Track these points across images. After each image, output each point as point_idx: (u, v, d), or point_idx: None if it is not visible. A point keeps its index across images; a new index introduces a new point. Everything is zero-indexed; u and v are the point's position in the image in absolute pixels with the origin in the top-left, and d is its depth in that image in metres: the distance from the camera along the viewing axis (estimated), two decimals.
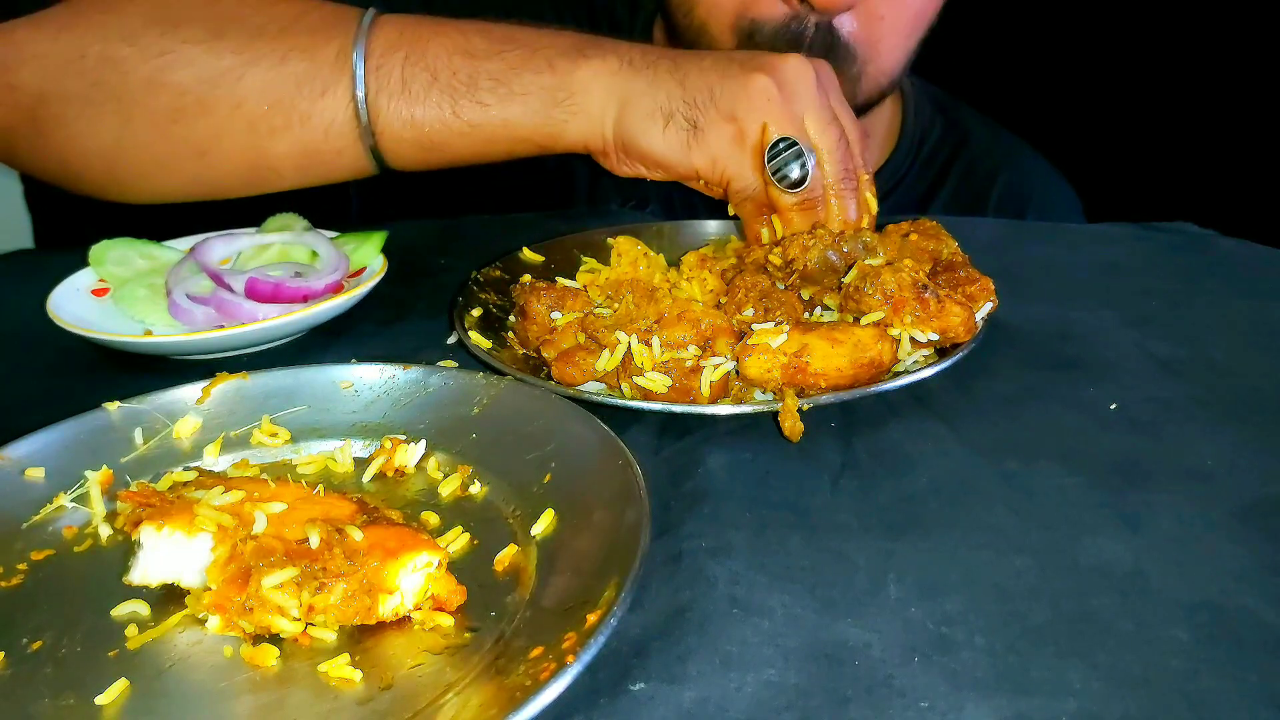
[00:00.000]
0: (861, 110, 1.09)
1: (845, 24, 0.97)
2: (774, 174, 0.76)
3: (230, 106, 0.83)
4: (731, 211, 0.83)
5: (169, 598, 0.47)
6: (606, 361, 0.63)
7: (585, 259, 0.85)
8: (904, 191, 1.23)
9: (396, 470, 0.57)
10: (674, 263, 0.82)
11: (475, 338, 0.70)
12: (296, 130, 0.84)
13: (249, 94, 0.83)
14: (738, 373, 0.63)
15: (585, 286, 0.74)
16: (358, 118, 0.82)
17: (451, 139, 0.84)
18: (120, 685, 0.41)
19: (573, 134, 0.83)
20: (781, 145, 0.76)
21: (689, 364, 0.62)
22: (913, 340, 0.66)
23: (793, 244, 0.74)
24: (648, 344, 0.63)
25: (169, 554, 0.46)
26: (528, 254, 0.86)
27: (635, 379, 0.62)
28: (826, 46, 0.96)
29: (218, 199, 0.92)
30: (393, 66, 0.82)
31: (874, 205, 0.81)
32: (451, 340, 0.75)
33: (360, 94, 0.82)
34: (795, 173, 0.76)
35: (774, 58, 0.79)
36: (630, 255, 0.78)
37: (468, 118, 0.82)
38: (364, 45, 0.82)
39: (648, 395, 0.62)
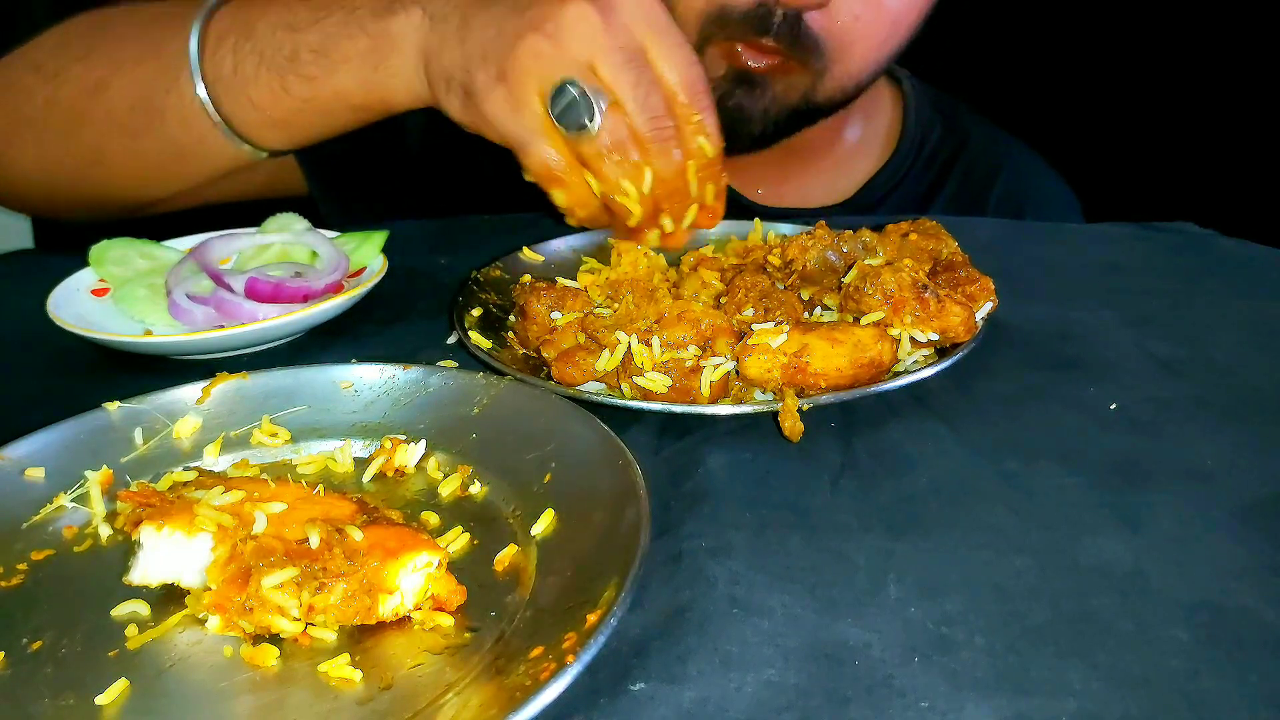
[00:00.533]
0: (819, 112, 1.06)
1: (816, 19, 0.95)
2: (559, 122, 0.69)
3: (105, 114, 0.87)
4: (527, 177, 0.75)
5: (169, 598, 0.47)
6: (606, 361, 0.63)
7: (585, 259, 0.85)
8: (904, 192, 1.23)
9: (396, 470, 0.57)
10: (674, 262, 0.82)
11: (475, 338, 0.70)
12: (157, 127, 0.86)
13: (115, 100, 0.86)
14: (738, 373, 0.63)
15: (585, 287, 0.74)
16: (204, 108, 0.83)
17: (293, 115, 0.84)
18: (120, 685, 0.41)
19: (399, 95, 0.81)
20: (568, 91, 0.69)
21: (689, 364, 0.62)
22: (913, 340, 0.66)
23: (791, 244, 0.74)
24: (648, 344, 0.63)
25: (169, 554, 0.46)
26: (528, 254, 0.86)
27: (635, 379, 0.62)
28: (793, 37, 0.95)
29: (137, 206, 0.95)
30: (225, 53, 0.83)
31: (709, 148, 0.73)
32: (451, 340, 0.75)
33: (200, 84, 0.83)
34: (581, 117, 0.68)
35: (553, 5, 0.70)
36: (630, 255, 0.78)
37: (298, 93, 0.82)
38: (199, 35, 0.83)
39: (648, 395, 0.62)
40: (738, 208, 1.17)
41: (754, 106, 1.02)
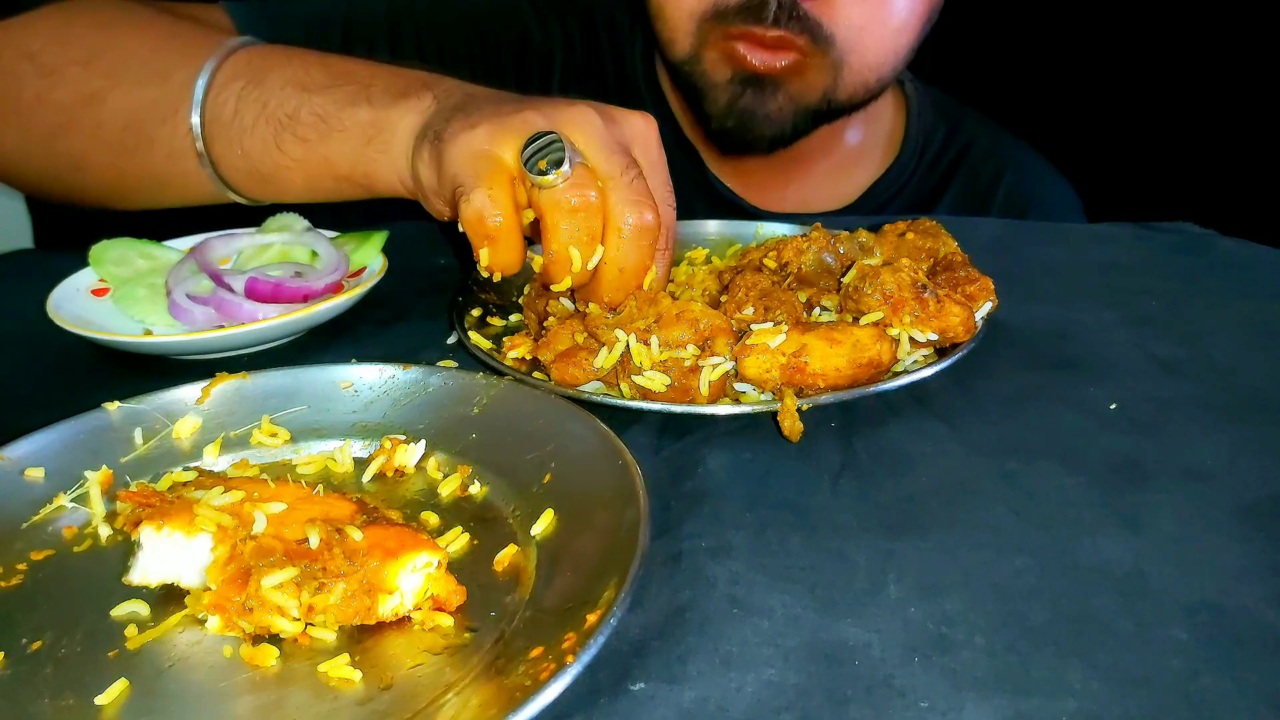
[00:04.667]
0: (846, 108, 1.06)
1: (815, 3, 0.95)
2: (529, 162, 0.63)
3: (94, 126, 0.86)
4: (460, 229, 0.66)
5: (169, 598, 0.47)
6: (605, 358, 0.63)
7: None
8: (908, 196, 1.23)
9: (396, 470, 0.57)
10: (674, 262, 0.82)
11: (475, 338, 0.70)
12: (144, 153, 0.86)
13: (109, 115, 0.85)
14: (736, 373, 0.63)
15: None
16: (196, 146, 0.83)
17: (279, 172, 0.83)
18: (120, 685, 0.41)
19: (383, 172, 0.78)
20: (542, 138, 0.63)
21: (687, 364, 0.62)
22: (912, 340, 0.66)
23: (787, 247, 0.74)
24: (646, 343, 0.62)
25: (169, 554, 0.46)
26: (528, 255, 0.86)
27: (634, 378, 0.62)
28: (792, 21, 0.95)
29: (103, 208, 0.95)
30: (229, 96, 0.82)
31: (657, 270, 0.67)
32: (451, 340, 0.75)
33: (196, 121, 0.82)
34: (556, 157, 0.62)
35: (560, 102, 0.68)
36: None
37: (290, 152, 0.81)
38: (210, 73, 0.82)
39: (647, 395, 0.62)
40: (738, 212, 1.17)
41: (763, 108, 1.01)
